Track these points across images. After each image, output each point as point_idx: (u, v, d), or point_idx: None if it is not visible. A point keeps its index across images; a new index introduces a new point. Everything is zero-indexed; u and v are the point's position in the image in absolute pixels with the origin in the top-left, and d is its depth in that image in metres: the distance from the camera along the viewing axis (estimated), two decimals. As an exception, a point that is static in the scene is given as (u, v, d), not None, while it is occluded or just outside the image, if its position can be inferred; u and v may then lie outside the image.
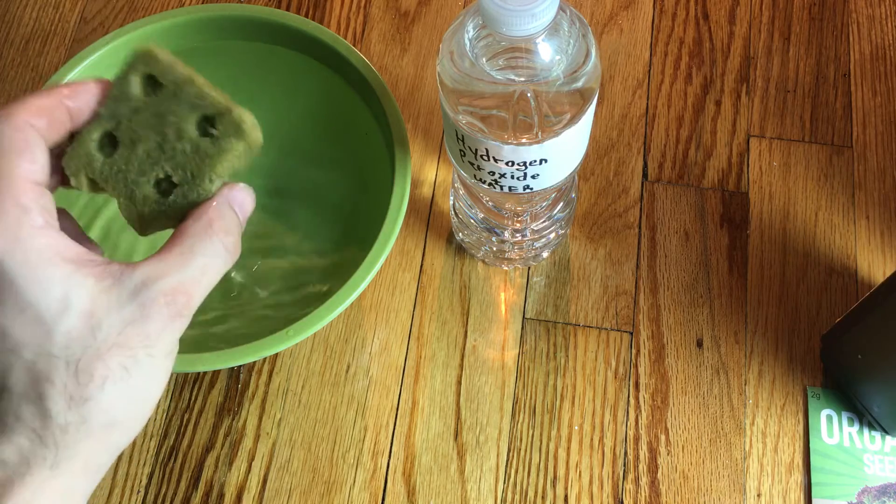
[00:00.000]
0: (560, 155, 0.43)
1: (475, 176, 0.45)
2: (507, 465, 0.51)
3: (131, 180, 0.33)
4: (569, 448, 0.51)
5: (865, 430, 0.51)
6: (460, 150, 0.44)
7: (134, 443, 0.52)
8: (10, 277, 0.28)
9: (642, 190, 0.58)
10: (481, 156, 0.43)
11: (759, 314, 0.55)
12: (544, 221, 0.53)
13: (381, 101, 0.52)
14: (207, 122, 0.33)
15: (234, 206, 0.33)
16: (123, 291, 0.29)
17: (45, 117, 0.31)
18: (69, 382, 0.28)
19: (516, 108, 0.40)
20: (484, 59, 0.40)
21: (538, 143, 0.41)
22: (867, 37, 0.63)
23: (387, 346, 0.54)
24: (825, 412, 0.52)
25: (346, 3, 0.65)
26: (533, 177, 0.44)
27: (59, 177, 0.33)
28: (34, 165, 0.30)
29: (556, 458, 0.51)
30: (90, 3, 0.66)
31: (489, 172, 0.44)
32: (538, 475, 0.51)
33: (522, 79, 0.40)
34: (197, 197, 0.32)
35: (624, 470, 0.51)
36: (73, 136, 0.33)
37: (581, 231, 0.57)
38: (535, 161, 0.43)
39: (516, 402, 0.52)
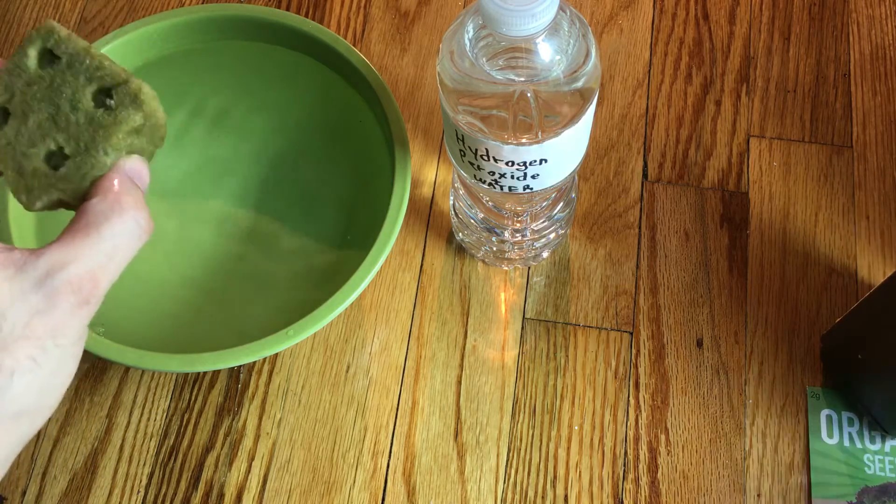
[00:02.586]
0: (560, 155, 0.43)
1: (475, 176, 0.45)
2: (507, 465, 0.51)
3: (20, 152, 0.32)
4: (569, 448, 0.51)
5: (865, 430, 0.51)
6: (460, 150, 0.44)
7: (134, 443, 0.52)
8: None
9: (642, 190, 0.58)
10: (481, 156, 0.43)
11: (759, 314, 0.55)
12: (544, 221, 0.53)
13: (381, 101, 0.52)
14: (104, 95, 0.32)
15: (133, 178, 0.31)
16: (27, 281, 0.28)
17: None
18: None
19: (516, 108, 0.40)
20: (484, 59, 0.40)
21: (538, 143, 0.41)
22: (867, 37, 0.63)
23: (387, 346, 0.54)
24: (825, 412, 0.52)
25: (346, 3, 0.65)
26: (533, 177, 0.44)
27: None
28: None
29: (556, 458, 0.51)
30: (90, 3, 0.66)
31: (489, 172, 0.44)
32: (538, 475, 0.51)
33: (522, 79, 0.40)
34: (90, 169, 0.31)
35: (624, 470, 0.51)
36: None
37: (581, 231, 0.57)
38: (535, 161, 0.43)
39: (516, 402, 0.52)
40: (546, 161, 0.43)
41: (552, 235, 0.54)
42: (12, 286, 0.28)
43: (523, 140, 0.41)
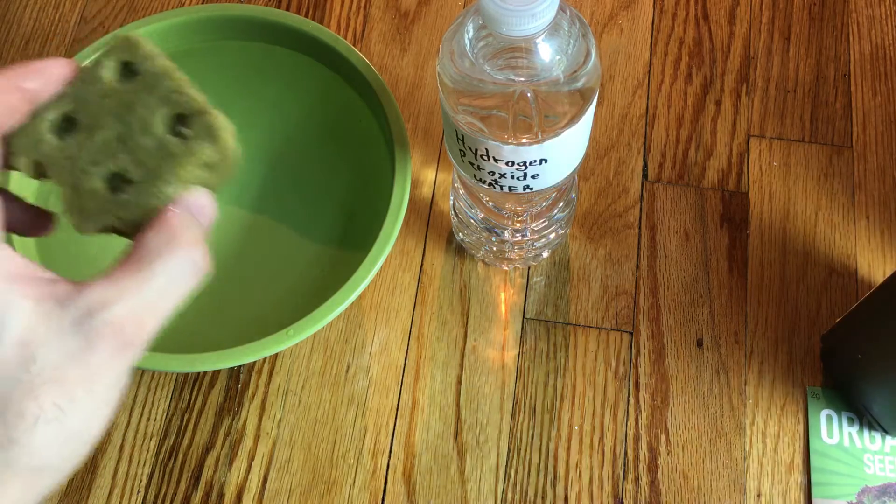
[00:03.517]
0: (560, 155, 0.43)
1: (475, 176, 0.45)
2: (507, 465, 0.51)
3: (80, 169, 0.29)
4: (569, 448, 0.51)
5: (865, 430, 0.51)
6: (460, 150, 0.44)
7: (134, 443, 0.52)
8: None
9: (642, 190, 0.58)
10: (481, 156, 0.43)
11: (759, 314, 0.55)
12: (544, 221, 0.53)
13: (381, 101, 0.52)
14: (179, 122, 0.29)
15: (195, 215, 0.29)
16: (66, 318, 0.25)
17: (9, 101, 0.28)
18: None
19: (516, 108, 0.40)
20: (484, 59, 0.40)
21: (538, 143, 0.41)
22: (867, 37, 0.63)
23: (387, 346, 0.54)
24: (825, 412, 0.52)
25: (346, 3, 0.65)
26: (533, 177, 0.44)
27: (4, 159, 0.29)
28: None
29: (556, 458, 0.51)
30: (90, 3, 0.66)
31: (489, 172, 0.44)
32: (538, 475, 0.51)
33: (522, 79, 0.40)
34: (151, 199, 0.28)
35: (624, 470, 0.51)
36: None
37: (581, 231, 0.57)
38: (535, 161, 0.43)
39: (516, 402, 0.52)
40: (546, 161, 0.43)
41: (552, 235, 0.54)
42: (49, 324, 0.25)
43: (523, 140, 0.41)
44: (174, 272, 0.27)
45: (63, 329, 0.25)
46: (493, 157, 0.43)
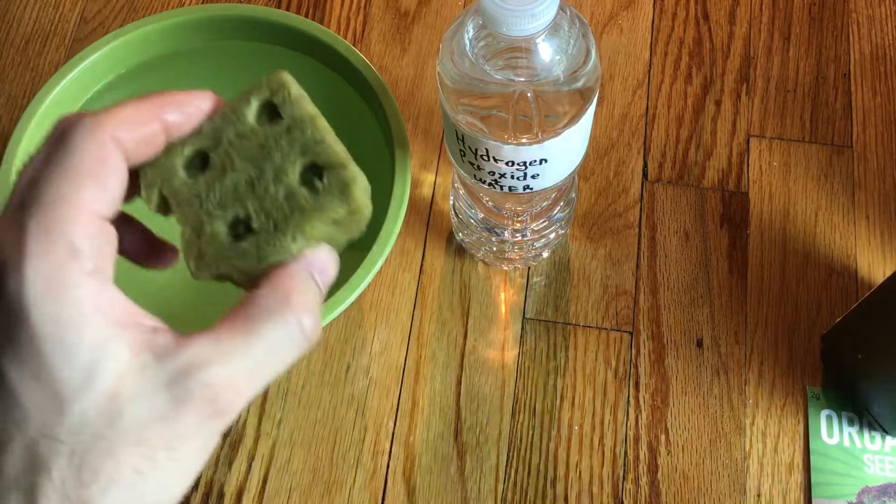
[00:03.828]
0: (560, 155, 0.43)
1: (475, 176, 0.45)
2: (507, 465, 0.51)
3: (206, 210, 0.27)
4: (569, 448, 0.51)
5: (865, 430, 0.51)
6: (460, 150, 0.44)
7: (134, 443, 0.52)
8: (35, 334, 0.22)
9: (642, 190, 0.58)
10: (481, 156, 0.43)
11: (759, 314, 0.55)
12: (544, 221, 0.53)
13: (381, 101, 0.52)
14: (314, 172, 0.28)
15: (315, 275, 0.26)
16: (160, 375, 0.23)
17: (135, 132, 0.26)
18: (68, 478, 0.22)
19: (516, 108, 0.40)
20: (484, 59, 0.40)
21: (538, 143, 0.41)
22: (867, 37, 0.63)
23: (387, 346, 0.54)
24: (825, 412, 0.52)
25: (346, 3, 0.65)
26: (533, 177, 0.44)
27: (136, 189, 0.28)
28: (103, 194, 0.24)
29: (556, 458, 0.51)
30: (90, 3, 0.66)
31: (489, 172, 0.44)
32: (538, 475, 0.51)
33: (522, 79, 0.40)
34: (272, 252, 0.27)
35: (624, 470, 0.51)
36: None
37: (581, 231, 0.57)
38: (535, 161, 0.43)
39: (516, 402, 0.52)
40: (546, 161, 0.43)
41: (552, 235, 0.54)
42: (142, 378, 0.23)
43: (523, 140, 0.41)
44: (281, 338, 0.25)
45: (156, 386, 0.23)
46: (493, 157, 0.43)
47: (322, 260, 0.27)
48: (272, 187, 0.27)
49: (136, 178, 0.28)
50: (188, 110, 0.27)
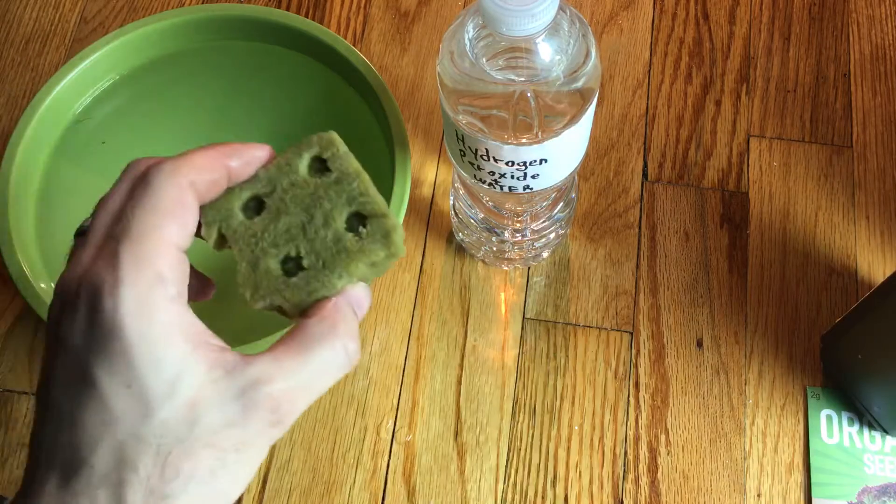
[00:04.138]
0: (560, 155, 0.43)
1: (475, 176, 0.45)
2: (507, 465, 0.51)
3: (261, 248, 0.32)
4: (569, 448, 0.51)
5: (865, 430, 0.51)
6: (460, 150, 0.44)
7: (134, 443, 0.52)
8: (128, 348, 0.26)
9: (642, 190, 0.58)
10: (481, 156, 0.43)
11: (759, 314, 0.55)
12: (544, 221, 0.53)
13: (381, 101, 0.52)
14: (358, 220, 0.32)
15: (354, 308, 0.31)
16: (231, 387, 0.27)
17: (206, 176, 0.30)
18: (153, 475, 0.26)
19: (516, 108, 0.40)
20: (484, 59, 0.40)
21: (538, 143, 0.41)
22: (867, 37, 0.63)
23: (387, 346, 0.54)
24: (825, 412, 0.52)
25: (346, 3, 0.65)
26: (533, 177, 0.44)
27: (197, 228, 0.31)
28: (182, 230, 0.29)
29: (556, 458, 0.51)
30: (90, 3, 0.66)
31: (489, 172, 0.44)
32: (538, 475, 0.51)
33: (522, 79, 0.40)
34: (319, 288, 0.31)
35: (624, 470, 0.51)
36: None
37: (581, 231, 0.57)
38: (535, 161, 0.43)
39: (516, 402, 0.52)
40: (546, 161, 0.43)
41: (552, 235, 0.54)
42: (216, 390, 0.27)
43: (523, 140, 0.41)
44: (330, 359, 0.29)
45: (227, 397, 0.27)
46: (493, 157, 0.43)
47: (360, 295, 0.31)
48: (322, 231, 0.32)
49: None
50: (248, 159, 0.31)
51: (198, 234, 0.31)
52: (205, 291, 0.36)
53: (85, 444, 0.26)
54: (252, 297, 0.32)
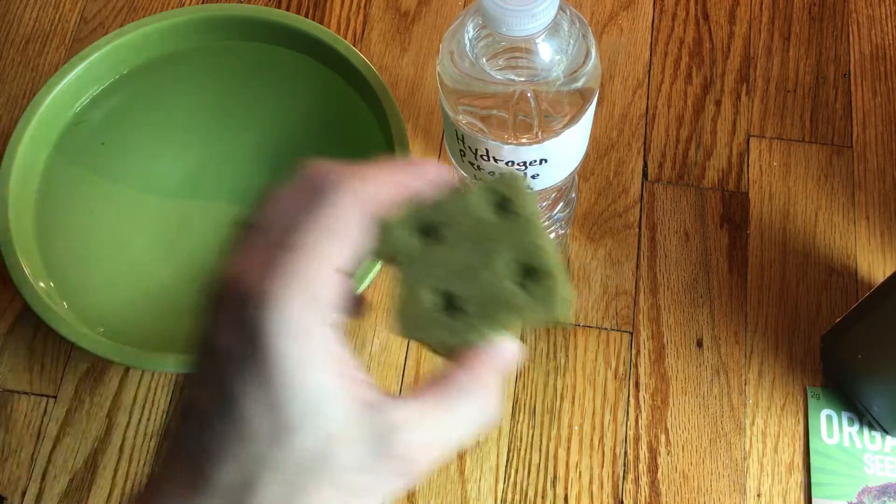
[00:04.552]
0: (560, 155, 0.43)
1: (475, 176, 0.45)
2: (507, 465, 0.51)
3: (422, 278, 0.30)
4: (569, 448, 0.51)
5: (865, 430, 0.51)
6: (460, 150, 0.44)
7: (134, 443, 0.52)
8: (273, 367, 0.24)
9: (642, 190, 0.58)
10: (481, 156, 0.43)
11: (759, 314, 0.55)
12: (544, 221, 0.53)
13: (381, 101, 0.52)
14: (528, 273, 0.30)
15: (503, 362, 0.29)
16: (370, 428, 0.25)
17: (385, 196, 0.28)
18: (275, 502, 0.25)
19: (516, 108, 0.40)
20: (484, 59, 0.40)
21: (538, 143, 0.41)
22: (867, 37, 0.63)
23: (387, 346, 0.54)
24: (825, 412, 0.52)
25: (346, 3, 0.65)
26: (533, 177, 0.44)
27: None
28: (350, 253, 0.27)
29: (556, 458, 0.51)
30: (90, 3, 0.66)
31: (489, 172, 0.44)
32: (538, 475, 0.51)
33: (522, 79, 0.40)
34: (474, 336, 0.29)
35: (624, 470, 0.51)
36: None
37: (581, 231, 0.57)
38: (535, 161, 0.43)
39: (516, 402, 0.52)
40: (546, 161, 0.43)
41: (552, 235, 0.54)
42: (354, 428, 0.25)
43: (523, 140, 0.41)
44: (471, 413, 0.27)
45: (364, 437, 0.25)
46: (493, 157, 0.43)
47: (511, 352, 0.29)
48: (486, 275, 0.30)
49: None
50: (430, 179, 0.29)
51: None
52: (359, 310, 0.33)
53: (215, 456, 0.25)
54: (405, 327, 0.30)
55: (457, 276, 0.30)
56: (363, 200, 0.27)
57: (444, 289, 0.30)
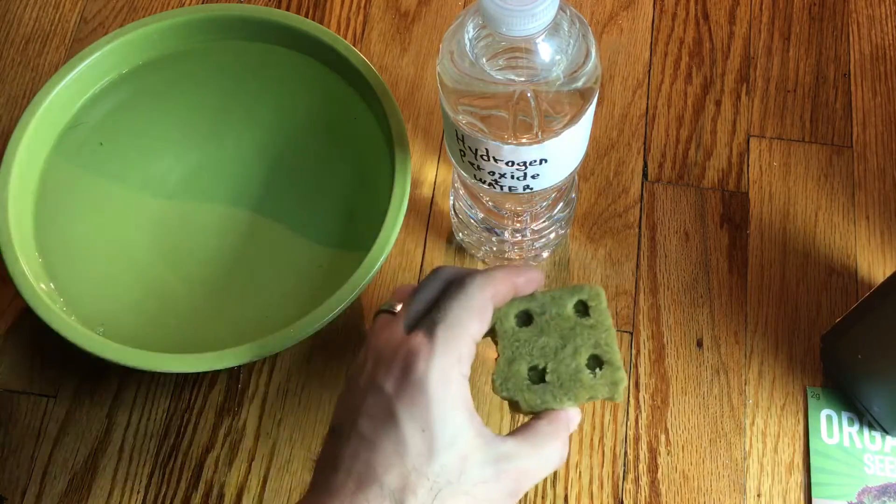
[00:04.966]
0: (560, 155, 0.43)
1: (475, 176, 0.45)
2: (507, 465, 0.51)
3: (519, 352, 0.40)
4: (569, 448, 0.51)
5: (865, 430, 0.51)
6: (460, 150, 0.44)
7: (134, 443, 0.52)
8: (428, 403, 0.34)
9: (642, 190, 0.58)
10: (481, 156, 0.43)
11: (759, 314, 0.55)
12: (544, 221, 0.53)
13: (381, 101, 0.52)
14: (596, 362, 0.40)
15: (569, 421, 0.39)
16: (489, 454, 0.35)
17: (503, 289, 0.38)
18: (426, 502, 0.34)
19: (516, 108, 0.40)
20: (484, 59, 0.40)
21: (538, 143, 0.41)
22: (867, 37, 0.63)
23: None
24: (825, 412, 0.52)
25: (346, 3, 0.65)
26: (533, 177, 0.44)
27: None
28: (481, 327, 0.37)
29: (556, 458, 0.51)
30: (90, 3, 0.66)
31: (489, 172, 0.44)
32: (538, 475, 0.51)
33: (522, 79, 0.40)
34: (551, 401, 0.39)
35: (624, 470, 0.51)
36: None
37: (581, 231, 0.57)
38: (535, 161, 0.43)
39: (516, 402, 0.52)
40: (546, 161, 0.43)
41: (552, 235, 0.54)
42: (479, 453, 0.35)
43: (523, 140, 0.41)
44: (553, 453, 0.37)
45: (486, 460, 0.35)
46: (493, 157, 0.43)
47: (575, 416, 0.39)
48: (568, 360, 0.40)
49: None
50: (530, 278, 0.40)
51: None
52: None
53: (380, 465, 0.34)
54: (500, 387, 0.40)
55: (543, 355, 0.40)
56: (491, 291, 0.37)
57: (533, 362, 0.40)
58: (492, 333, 0.42)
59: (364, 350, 0.37)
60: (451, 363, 0.35)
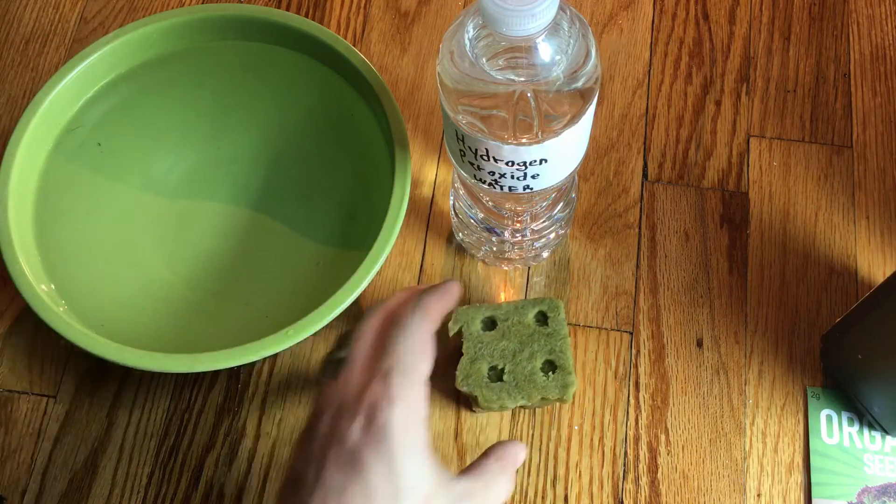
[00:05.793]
0: (560, 155, 0.43)
1: (475, 176, 0.45)
2: (507, 465, 0.51)
3: (481, 353, 0.48)
4: (569, 448, 0.51)
5: (865, 430, 0.51)
6: (460, 150, 0.44)
7: (134, 443, 0.52)
8: (392, 448, 0.36)
9: (642, 190, 0.58)
10: (481, 156, 0.43)
11: (759, 314, 0.55)
12: (544, 221, 0.53)
13: (381, 101, 0.52)
14: (550, 366, 0.48)
15: (514, 458, 0.41)
16: (449, 494, 0.38)
17: (442, 313, 0.41)
18: None
19: (516, 108, 0.40)
20: (484, 59, 0.40)
21: (538, 143, 0.41)
22: (867, 37, 0.63)
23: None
24: (825, 412, 0.52)
25: (346, 3, 0.65)
26: (533, 177, 0.44)
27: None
28: (429, 364, 0.39)
29: (556, 458, 0.51)
30: (90, 3, 0.66)
31: (489, 172, 0.44)
32: (538, 475, 0.51)
33: (522, 79, 0.40)
34: (508, 401, 0.47)
35: (624, 470, 0.51)
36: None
37: (581, 231, 0.57)
38: (535, 161, 0.43)
39: (516, 402, 0.52)
40: (546, 161, 0.43)
41: (552, 235, 0.54)
42: (440, 493, 0.37)
43: (523, 140, 0.41)
44: (500, 489, 0.40)
45: (446, 499, 0.37)
46: (493, 157, 0.43)
47: (520, 453, 0.42)
48: (524, 362, 0.48)
49: None
50: (452, 295, 0.43)
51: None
52: None
53: None
54: (461, 382, 0.48)
55: (502, 357, 0.48)
56: (429, 325, 0.40)
57: (493, 363, 0.47)
58: (459, 334, 0.48)
59: (319, 399, 0.39)
60: (409, 409, 0.37)
